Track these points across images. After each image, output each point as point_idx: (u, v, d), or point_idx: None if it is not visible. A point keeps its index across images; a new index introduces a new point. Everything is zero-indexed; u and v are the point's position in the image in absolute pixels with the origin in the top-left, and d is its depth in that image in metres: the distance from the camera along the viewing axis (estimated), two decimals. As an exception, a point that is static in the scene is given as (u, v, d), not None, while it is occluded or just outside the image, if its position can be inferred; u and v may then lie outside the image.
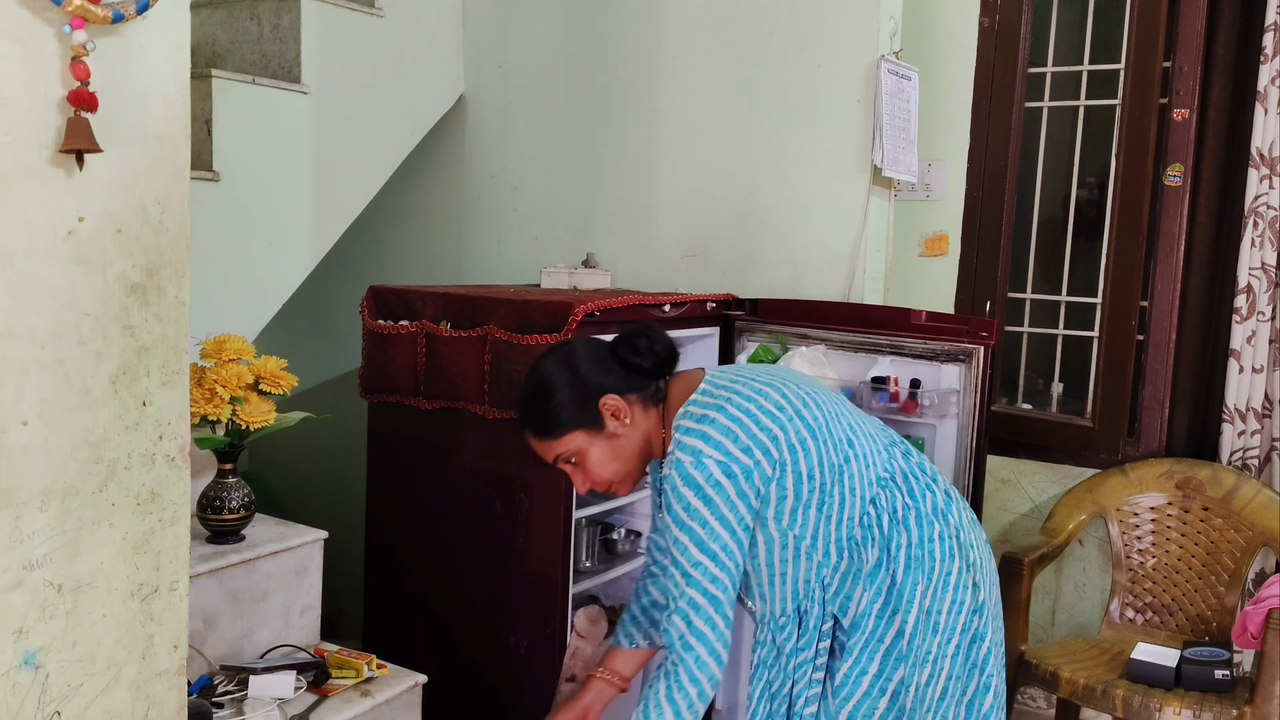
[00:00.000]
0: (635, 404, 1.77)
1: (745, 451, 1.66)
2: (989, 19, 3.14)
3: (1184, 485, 2.92)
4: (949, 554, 1.74)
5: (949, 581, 1.73)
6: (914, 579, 1.72)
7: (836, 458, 1.71)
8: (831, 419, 1.74)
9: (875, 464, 1.76)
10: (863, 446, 1.76)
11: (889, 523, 1.74)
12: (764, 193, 3.05)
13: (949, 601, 1.73)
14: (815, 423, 1.71)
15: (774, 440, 1.68)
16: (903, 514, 1.74)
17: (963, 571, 1.75)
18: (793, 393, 1.74)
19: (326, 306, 3.69)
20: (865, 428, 1.80)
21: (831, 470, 1.71)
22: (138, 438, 1.51)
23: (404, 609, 2.74)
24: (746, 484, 1.67)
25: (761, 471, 1.67)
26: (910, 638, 1.72)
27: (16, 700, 1.39)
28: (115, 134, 1.43)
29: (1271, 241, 2.84)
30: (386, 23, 3.27)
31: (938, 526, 1.75)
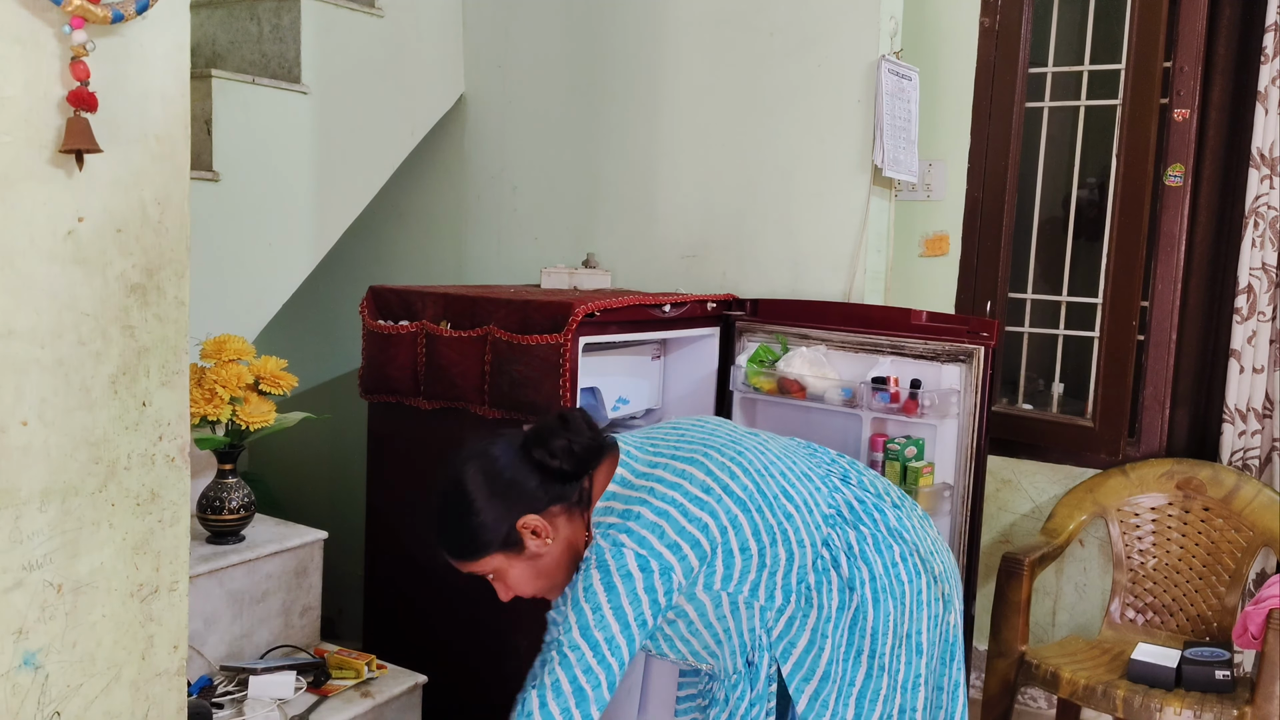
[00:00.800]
0: (558, 515, 1.61)
1: (671, 548, 1.54)
2: (989, 19, 3.13)
3: (1184, 485, 2.92)
4: (915, 572, 1.69)
5: (921, 600, 1.69)
6: (885, 609, 1.66)
7: (774, 519, 1.62)
8: (763, 478, 1.64)
9: (819, 505, 1.68)
10: (802, 493, 1.67)
11: (846, 560, 1.66)
12: (764, 193, 3.05)
13: (925, 621, 1.69)
14: (745, 492, 1.60)
15: (704, 529, 1.56)
16: (859, 547, 1.67)
17: (931, 585, 1.71)
18: (717, 464, 1.62)
19: (326, 306, 3.69)
20: (799, 466, 1.71)
21: (769, 534, 1.61)
22: (138, 438, 1.51)
23: (404, 609, 2.74)
24: (660, 580, 1.53)
25: (686, 566, 1.55)
26: (890, 668, 1.67)
27: (16, 700, 1.39)
28: (115, 134, 1.43)
29: (1272, 241, 2.84)
30: (386, 23, 3.27)
31: (897, 548, 1.69)
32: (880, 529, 1.70)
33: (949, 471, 2.56)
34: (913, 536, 1.73)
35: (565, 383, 2.37)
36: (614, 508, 1.59)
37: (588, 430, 1.63)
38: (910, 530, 1.74)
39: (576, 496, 1.62)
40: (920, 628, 1.70)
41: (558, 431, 1.61)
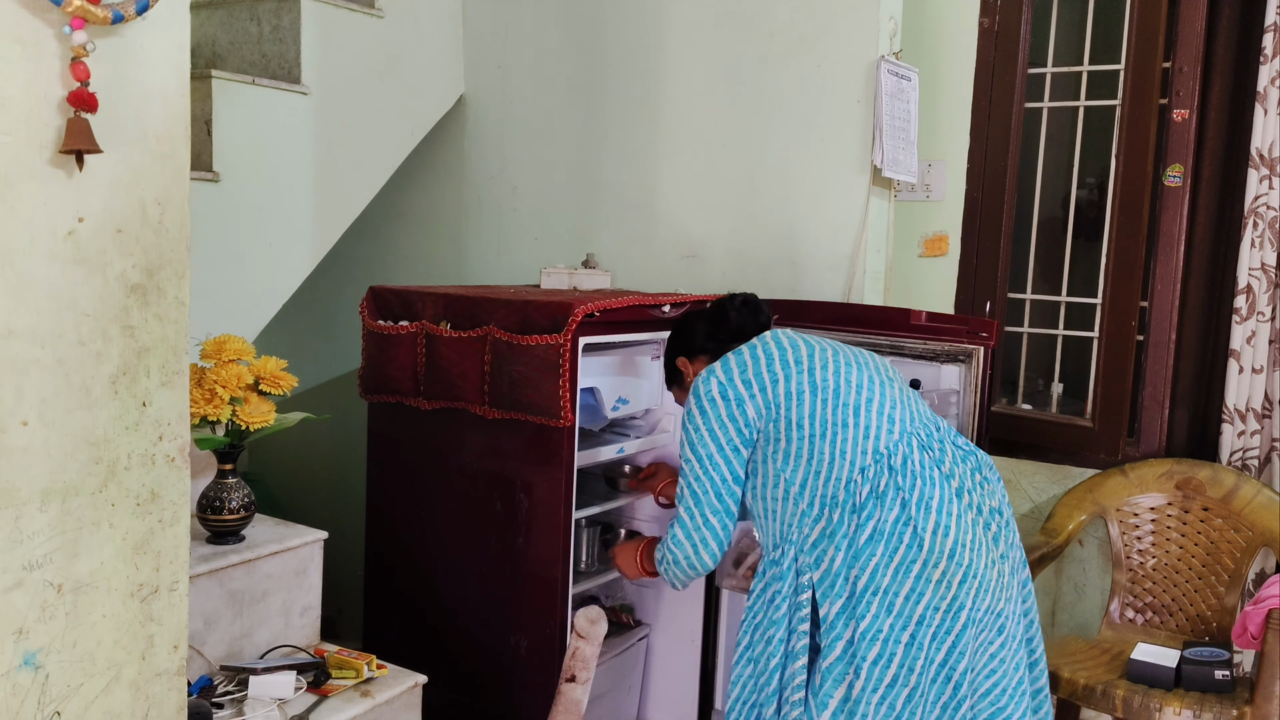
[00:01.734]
0: (703, 364, 2.13)
1: (745, 384, 1.97)
2: (989, 19, 3.14)
3: (1184, 485, 2.92)
4: (915, 545, 1.84)
5: (910, 570, 1.83)
6: (872, 551, 1.84)
7: (833, 417, 1.92)
8: (848, 387, 1.94)
9: (878, 438, 1.91)
10: (869, 420, 1.92)
11: (868, 494, 1.88)
12: (764, 193, 3.05)
13: (907, 588, 1.83)
14: (823, 383, 1.94)
15: (774, 382, 1.96)
16: (883, 491, 1.87)
17: (928, 565, 1.83)
18: (822, 357, 1.99)
19: (326, 306, 3.69)
20: (889, 409, 1.95)
21: (823, 426, 1.91)
22: (138, 438, 1.51)
23: (404, 609, 2.74)
24: (737, 409, 1.96)
25: (756, 406, 1.96)
26: (861, 604, 1.83)
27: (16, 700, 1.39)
28: (115, 134, 1.43)
29: (1271, 242, 2.84)
30: (386, 23, 3.27)
31: (914, 516, 1.84)
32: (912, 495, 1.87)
33: (948, 471, 2.56)
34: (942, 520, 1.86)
35: (565, 383, 2.37)
36: (739, 346, 2.08)
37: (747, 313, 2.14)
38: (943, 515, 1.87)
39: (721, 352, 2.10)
40: (900, 591, 1.83)
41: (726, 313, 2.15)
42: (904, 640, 1.83)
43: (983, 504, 1.95)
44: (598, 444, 2.69)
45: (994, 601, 1.89)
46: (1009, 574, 1.94)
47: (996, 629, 1.90)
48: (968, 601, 1.85)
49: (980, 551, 1.88)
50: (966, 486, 1.93)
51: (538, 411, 2.41)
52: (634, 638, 2.91)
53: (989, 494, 1.98)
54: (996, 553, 1.91)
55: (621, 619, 2.95)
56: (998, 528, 1.94)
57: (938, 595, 1.83)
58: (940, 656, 1.85)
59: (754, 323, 2.14)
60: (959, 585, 1.84)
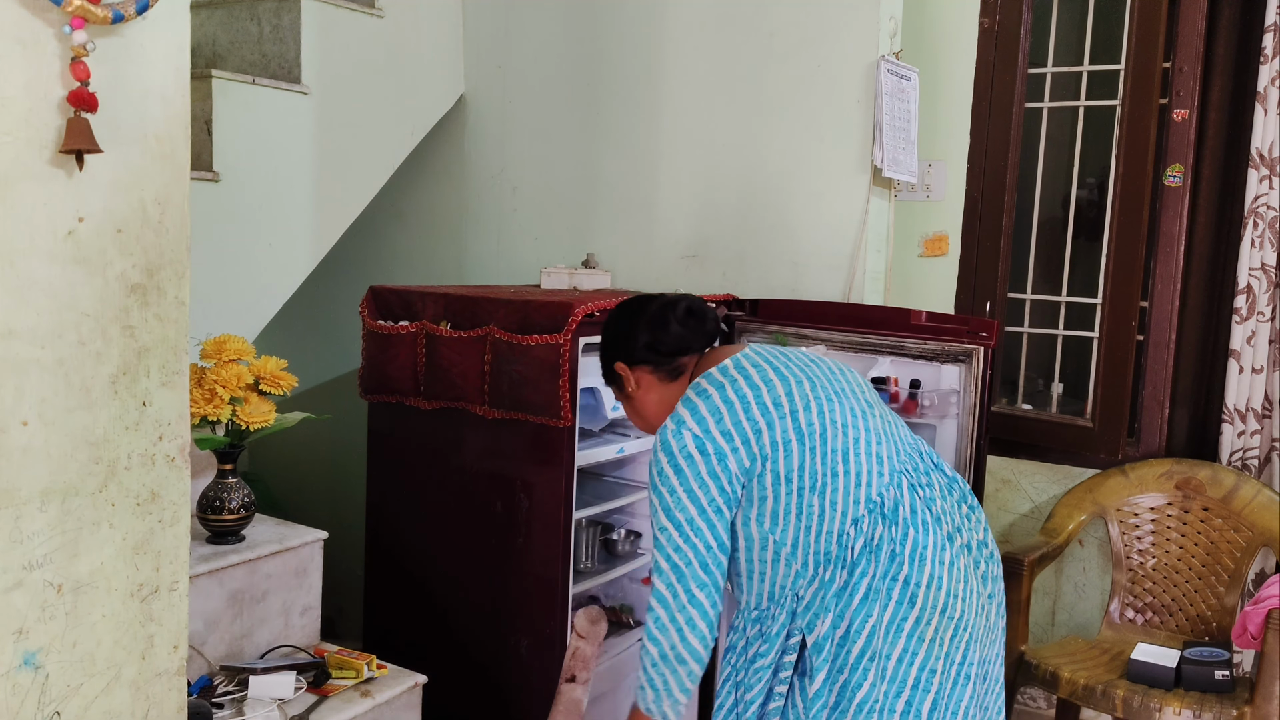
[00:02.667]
0: (646, 374, 1.89)
1: (725, 435, 1.70)
2: (989, 19, 3.14)
3: (1184, 485, 2.92)
4: (907, 601, 1.68)
5: (901, 628, 1.67)
6: (867, 611, 1.68)
7: (822, 468, 1.70)
8: (835, 430, 1.72)
9: (870, 485, 1.72)
10: (859, 465, 1.72)
11: (862, 548, 1.70)
12: (764, 193, 3.05)
13: (899, 649, 1.67)
14: (809, 428, 1.71)
15: (757, 433, 1.71)
16: (877, 544, 1.70)
17: (920, 624, 1.68)
18: (800, 393, 1.74)
19: (326, 306, 3.69)
20: (876, 447, 1.75)
21: (812, 478, 1.70)
22: (138, 438, 1.51)
23: (404, 609, 2.74)
24: (719, 465, 1.70)
25: (739, 460, 1.70)
26: (856, 673, 1.67)
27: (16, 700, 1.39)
28: (115, 134, 1.43)
29: (1271, 242, 2.84)
30: (386, 23, 3.27)
31: (905, 569, 1.69)
32: (904, 546, 1.70)
33: (948, 471, 2.56)
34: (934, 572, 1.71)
35: (565, 383, 2.37)
36: (700, 385, 1.79)
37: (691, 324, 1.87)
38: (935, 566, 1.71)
39: (670, 369, 1.88)
40: (891, 654, 1.68)
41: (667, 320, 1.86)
42: (899, 710, 1.67)
43: (971, 540, 1.80)
44: (598, 444, 2.69)
45: (984, 651, 1.77)
46: (995, 615, 1.81)
47: (983, 676, 1.78)
48: (957, 657, 1.71)
49: (972, 600, 1.74)
50: (957, 525, 1.79)
51: (538, 411, 2.41)
52: (634, 638, 2.91)
53: (975, 526, 1.83)
54: (985, 594, 1.78)
55: (621, 619, 2.94)
56: (986, 565, 1.81)
57: (932, 656, 1.69)
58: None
59: (701, 334, 1.88)
60: (950, 642, 1.70)
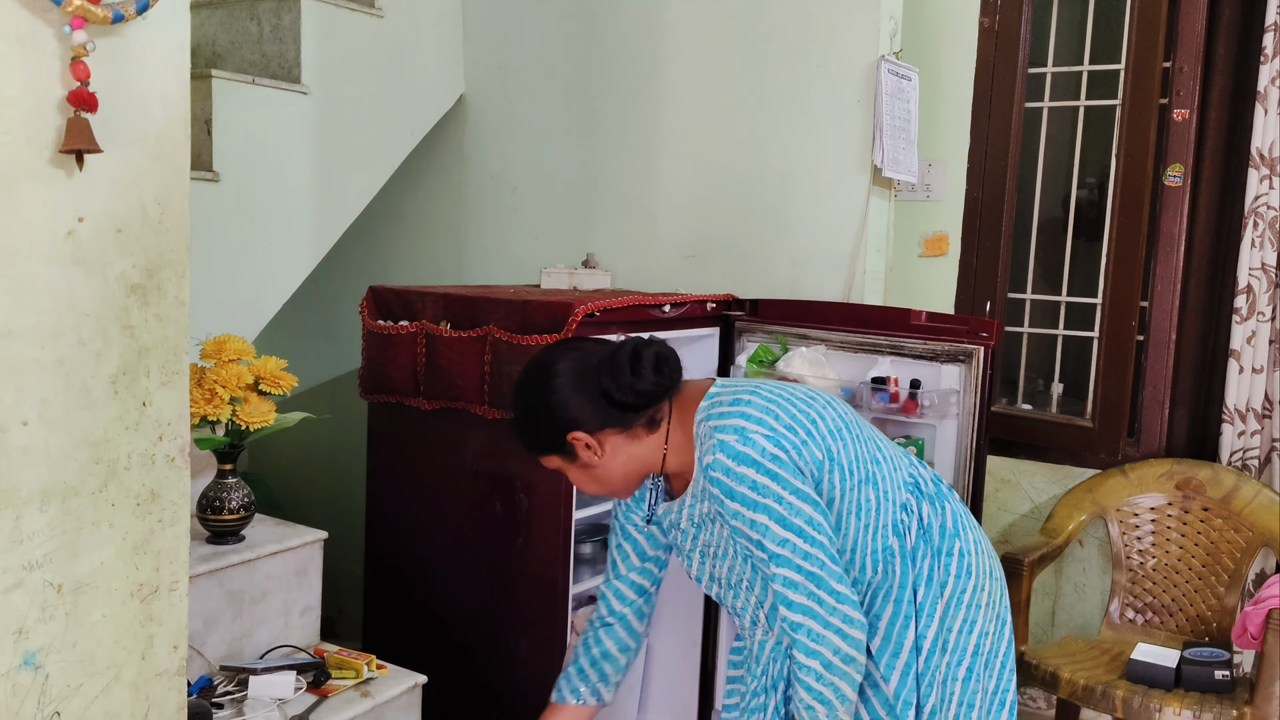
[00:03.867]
0: (610, 436, 1.64)
1: (789, 430, 1.57)
2: (989, 19, 3.14)
3: (1184, 486, 2.92)
4: (964, 571, 1.68)
5: (962, 599, 1.68)
6: (933, 593, 1.66)
7: (868, 455, 1.65)
8: (856, 425, 1.69)
9: (901, 467, 1.71)
10: (889, 450, 1.72)
11: (917, 531, 1.67)
12: (764, 193, 3.05)
13: (960, 620, 1.67)
14: (846, 416, 1.67)
15: (814, 423, 1.60)
16: (927, 523, 1.68)
17: (977, 590, 1.69)
18: (818, 394, 1.71)
19: (326, 306, 3.69)
20: (886, 445, 1.77)
21: (864, 466, 1.64)
22: (138, 438, 1.51)
23: (404, 609, 2.74)
24: (799, 458, 1.57)
25: (811, 451, 1.58)
26: (928, 655, 1.66)
27: (16, 700, 1.39)
28: (115, 134, 1.43)
29: (1271, 242, 2.84)
30: (386, 23, 3.27)
31: (957, 542, 1.70)
32: (947, 520, 1.71)
33: (948, 472, 2.56)
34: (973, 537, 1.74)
35: (565, 383, 2.37)
36: (720, 400, 1.62)
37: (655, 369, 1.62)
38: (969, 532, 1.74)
39: (644, 422, 1.65)
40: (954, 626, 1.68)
41: (623, 364, 1.61)
42: (960, 677, 1.66)
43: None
44: (598, 444, 2.69)
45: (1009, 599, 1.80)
46: None
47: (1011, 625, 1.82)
48: (1004, 614, 1.74)
49: (995, 554, 1.80)
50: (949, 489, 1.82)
51: (538, 411, 2.41)
52: (634, 638, 2.91)
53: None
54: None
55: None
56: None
57: (986, 619, 1.69)
58: (994, 683, 1.71)
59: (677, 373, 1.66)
60: (999, 600, 1.73)
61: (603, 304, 2.45)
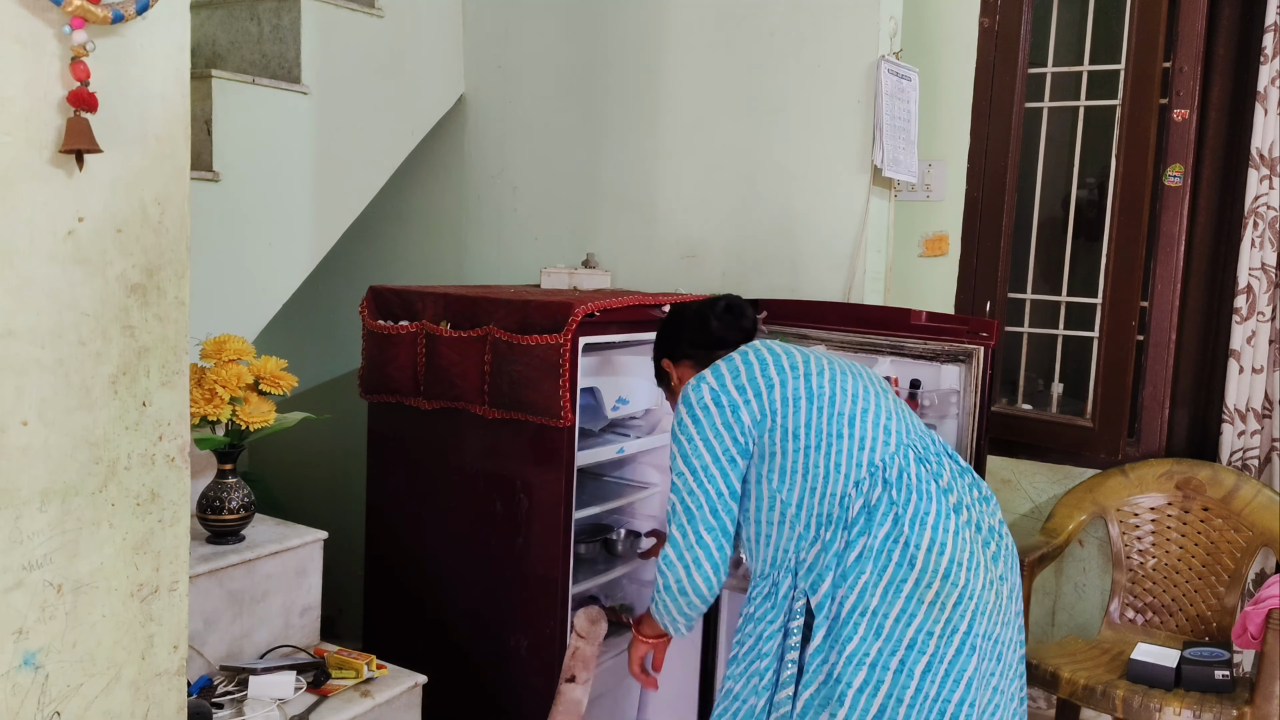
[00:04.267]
0: (687, 369, 2.04)
1: (739, 389, 1.85)
2: (989, 19, 3.14)
3: (1184, 485, 2.92)
4: (906, 563, 1.72)
5: (900, 589, 1.71)
6: (860, 569, 1.74)
7: (828, 427, 1.81)
8: (843, 396, 1.84)
9: (873, 451, 1.80)
10: (865, 431, 1.81)
11: (860, 509, 1.77)
12: (764, 193, 3.05)
13: (897, 610, 1.71)
14: (819, 390, 1.84)
15: (769, 387, 1.84)
16: (875, 505, 1.76)
17: (920, 586, 1.71)
18: (816, 362, 1.89)
19: (326, 306, 3.69)
20: (884, 420, 1.85)
21: (818, 437, 1.80)
22: (138, 438, 1.51)
23: (404, 609, 2.74)
24: (732, 416, 1.84)
25: (750, 412, 1.84)
26: (847, 626, 1.72)
27: (16, 700, 1.39)
28: (115, 134, 1.43)
29: (1271, 242, 2.84)
30: (386, 23, 3.27)
31: (906, 533, 1.73)
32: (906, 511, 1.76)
33: (949, 471, 2.56)
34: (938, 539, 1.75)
35: (565, 383, 2.37)
36: (728, 355, 1.95)
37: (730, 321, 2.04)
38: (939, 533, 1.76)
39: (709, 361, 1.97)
40: (890, 613, 1.72)
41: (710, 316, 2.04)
42: (893, 666, 1.70)
43: (982, 521, 1.83)
44: (598, 444, 2.69)
45: (991, 627, 1.77)
46: (1008, 598, 1.82)
47: (995, 656, 1.79)
48: (962, 625, 1.72)
49: (978, 571, 1.76)
50: (965, 502, 1.83)
51: (538, 411, 2.41)
52: (634, 638, 2.91)
53: (989, 513, 1.88)
54: (996, 573, 1.80)
55: (621, 619, 2.94)
56: (997, 547, 1.83)
57: (930, 618, 1.71)
58: (934, 690, 1.71)
59: (737, 329, 2.03)
60: (953, 608, 1.72)
61: (603, 304, 2.45)
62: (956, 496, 1.81)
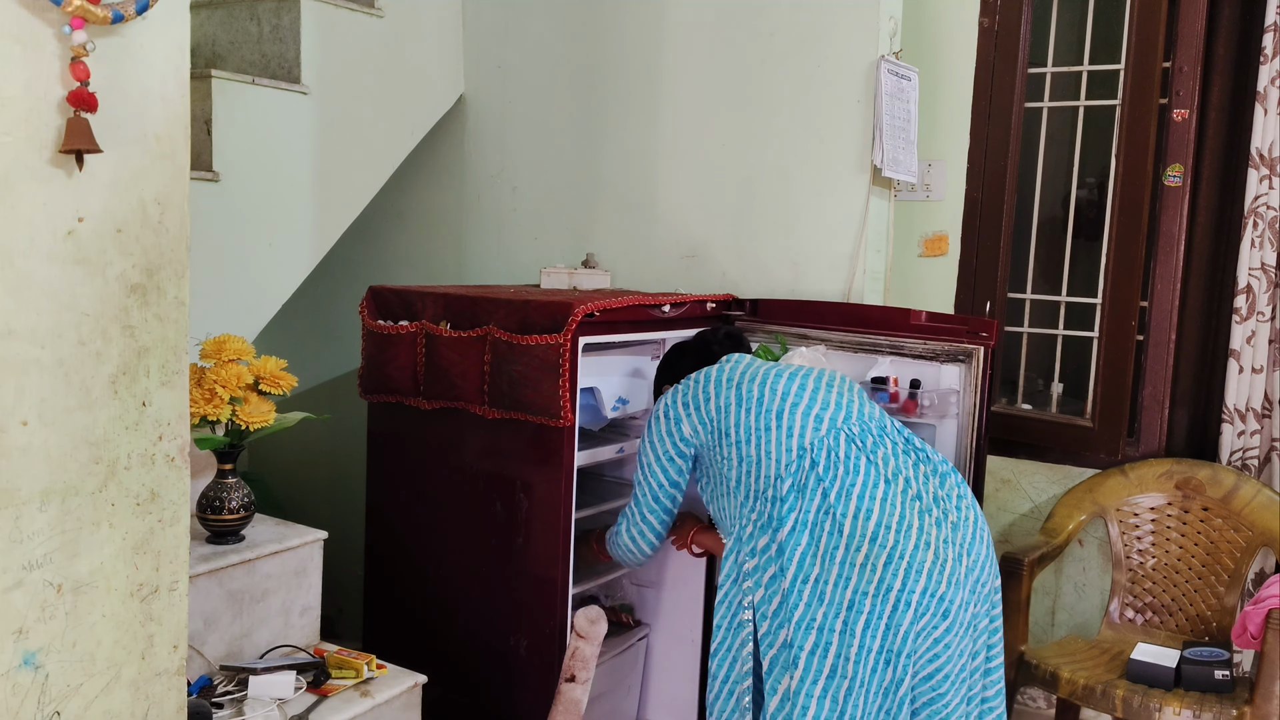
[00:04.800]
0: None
1: (684, 405, 2.22)
2: (989, 19, 3.14)
3: (1184, 485, 2.92)
4: (835, 531, 1.94)
5: (834, 556, 1.92)
6: (796, 541, 1.96)
7: (757, 424, 2.08)
8: (772, 395, 2.10)
9: (801, 436, 2.04)
10: (793, 421, 2.06)
11: (789, 488, 2.00)
12: (764, 193, 3.05)
13: (834, 575, 1.91)
14: (748, 394, 2.13)
15: (706, 400, 2.18)
16: (804, 484, 2.00)
17: (850, 550, 1.90)
18: (751, 371, 2.17)
19: (326, 306, 3.69)
20: (819, 410, 2.07)
21: (747, 433, 2.09)
22: (137, 438, 1.51)
23: (404, 609, 2.74)
24: (674, 426, 2.22)
25: (692, 423, 2.20)
26: (792, 595, 1.93)
27: (16, 700, 1.40)
28: (115, 134, 1.43)
29: (1271, 241, 2.84)
30: (386, 23, 3.27)
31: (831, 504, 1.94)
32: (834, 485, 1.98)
33: (948, 471, 2.56)
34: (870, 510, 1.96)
35: (565, 383, 2.37)
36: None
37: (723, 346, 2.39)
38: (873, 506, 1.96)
39: None
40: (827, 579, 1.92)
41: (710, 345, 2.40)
42: (838, 629, 1.89)
43: (926, 492, 2.00)
44: (598, 444, 2.69)
45: (932, 584, 1.89)
46: (955, 560, 1.93)
47: (940, 614, 1.90)
48: (895, 583, 1.88)
49: (910, 534, 1.92)
50: (905, 475, 2.01)
51: (538, 411, 2.41)
52: (634, 638, 2.91)
53: (946, 495, 2.03)
54: (937, 536, 1.93)
55: (621, 619, 2.95)
56: (941, 515, 1.98)
57: (863, 579, 1.89)
58: (877, 643, 1.89)
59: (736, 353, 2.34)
60: (884, 568, 1.89)
61: (603, 304, 2.45)
62: (893, 469, 2.02)
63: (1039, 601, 3.19)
